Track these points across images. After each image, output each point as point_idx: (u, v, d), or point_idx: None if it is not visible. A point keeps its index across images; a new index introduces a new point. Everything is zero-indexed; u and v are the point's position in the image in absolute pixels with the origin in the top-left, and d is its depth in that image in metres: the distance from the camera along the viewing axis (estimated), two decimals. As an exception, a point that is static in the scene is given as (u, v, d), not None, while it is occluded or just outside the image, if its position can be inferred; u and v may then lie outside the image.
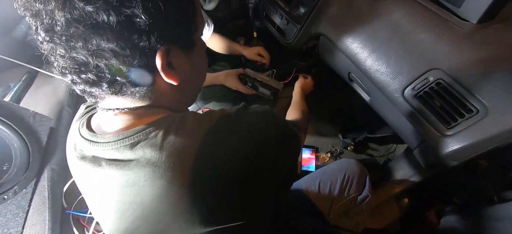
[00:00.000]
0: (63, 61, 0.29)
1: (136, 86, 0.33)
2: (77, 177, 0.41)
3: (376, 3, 0.62)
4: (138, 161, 0.31)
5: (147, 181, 0.30)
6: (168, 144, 0.31)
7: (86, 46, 0.27)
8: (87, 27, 0.26)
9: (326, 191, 0.77)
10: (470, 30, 0.50)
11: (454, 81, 0.48)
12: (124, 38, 0.27)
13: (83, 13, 0.25)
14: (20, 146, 0.89)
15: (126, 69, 0.30)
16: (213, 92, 1.14)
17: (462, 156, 0.50)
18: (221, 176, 0.31)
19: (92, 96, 0.33)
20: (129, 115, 0.34)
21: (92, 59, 0.28)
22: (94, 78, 0.30)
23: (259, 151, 0.34)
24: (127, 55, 0.28)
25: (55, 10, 0.25)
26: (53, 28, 0.26)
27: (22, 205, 0.88)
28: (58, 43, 0.27)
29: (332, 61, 0.83)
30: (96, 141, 0.34)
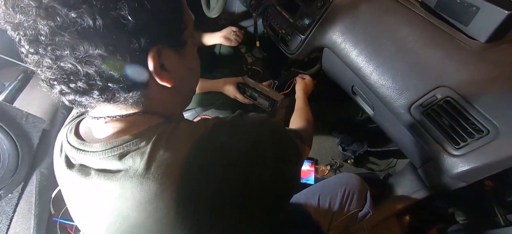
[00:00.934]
0: (50, 72, 0.27)
1: (129, 92, 0.31)
2: (63, 185, 0.38)
3: (383, 19, 0.61)
4: (126, 172, 0.29)
5: (134, 194, 0.29)
6: (158, 155, 0.29)
7: (73, 54, 0.26)
8: (72, 34, 0.24)
9: (326, 206, 0.75)
10: (479, 49, 0.50)
11: (463, 100, 0.47)
12: (113, 42, 0.26)
13: (67, 20, 0.24)
14: (9, 148, 0.86)
15: (117, 75, 0.28)
16: (211, 99, 1.13)
17: (471, 177, 0.49)
18: (211, 189, 0.29)
19: (81, 105, 0.32)
20: (120, 122, 0.33)
21: (81, 67, 0.26)
22: (85, 86, 0.28)
23: (253, 162, 0.32)
24: (118, 59, 0.27)
25: (37, 20, 0.24)
26: (37, 39, 0.25)
27: (6, 211, 0.83)
28: (44, 54, 0.26)
29: (336, 73, 0.82)
30: (84, 149, 0.32)
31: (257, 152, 0.33)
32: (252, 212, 0.33)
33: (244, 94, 0.95)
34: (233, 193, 0.30)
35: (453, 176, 0.49)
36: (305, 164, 1.23)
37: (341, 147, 1.21)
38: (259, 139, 0.34)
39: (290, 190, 0.40)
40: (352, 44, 0.66)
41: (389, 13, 0.61)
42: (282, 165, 0.36)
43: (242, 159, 0.32)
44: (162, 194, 0.28)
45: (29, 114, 0.95)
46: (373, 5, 0.64)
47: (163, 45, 0.31)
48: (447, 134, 0.50)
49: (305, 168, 1.22)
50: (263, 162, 0.33)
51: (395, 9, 0.61)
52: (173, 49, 0.33)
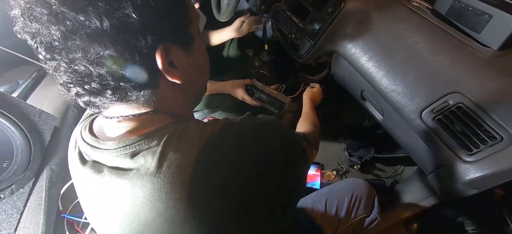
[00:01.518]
0: (66, 76, 0.29)
1: (140, 90, 0.32)
2: (76, 181, 0.40)
3: (394, 25, 0.62)
4: (138, 170, 0.30)
5: (145, 193, 0.29)
6: (169, 155, 0.30)
7: (85, 56, 0.27)
8: (83, 37, 0.26)
9: (333, 211, 0.74)
10: (491, 56, 0.50)
11: (476, 106, 0.47)
12: (121, 42, 0.27)
13: (76, 23, 0.25)
14: (22, 143, 0.88)
15: (128, 73, 0.29)
16: (219, 101, 1.14)
17: (484, 184, 0.48)
18: (220, 189, 0.30)
19: (95, 106, 0.33)
20: (132, 121, 0.34)
21: (93, 68, 0.28)
22: (98, 87, 0.30)
23: (262, 163, 0.33)
24: (127, 58, 0.28)
25: (50, 26, 0.25)
26: (52, 44, 0.27)
27: (18, 205, 0.85)
28: (59, 59, 0.28)
29: (345, 78, 0.83)
30: (97, 146, 0.34)
31: (266, 154, 0.33)
32: (259, 213, 0.33)
33: (252, 96, 0.96)
34: (242, 194, 0.31)
35: (466, 182, 0.49)
36: (311, 169, 1.22)
37: (347, 153, 1.21)
38: (268, 141, 0.35)
39: (297, 192, 0.40)
40: (362, 50, 0.66)
41: (400, 20, 0.62)
42: (290, 167, 0.36)
43: (251, 161, 0.32)
44: (172, 194, 0.29)
45: (42, 111, 0.97)
46: (384, 11, 0.65)
47: (170, 42, 0.32)
48: (459, 140, 0.50)
49: (311, 172, 1.21)
50: (272, 163, 0.33)
51: (406, 15, 0.62)
52: (180, 45, 0.34)
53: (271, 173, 0.33)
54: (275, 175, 0.34)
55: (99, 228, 0.39)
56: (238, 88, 0.96)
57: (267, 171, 0.33)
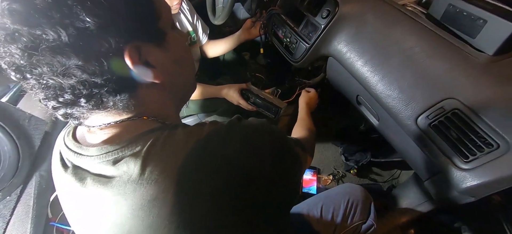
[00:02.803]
0: (40, 91, 0.28)
1: (116, 95, 0.31)
2: (59, 189, 0.38)
3: (390, 29, 0.61)
4: (120, 178, 0.29)
5: (128, 200, 0.28)
6: (152, 160, 0.28)
7: (52, 70, 0.26)
8: (44, 51, 0.25)
9: (329, 217, 0.73)
10: (486, 61, 0.49)
11: (471, 112, 0.47)
12: (83, 49, 0.26)
13: (32, 38, 0.24)
14: (10, 149, 0.85)
15: (98, 80, 0.28)
16: (214, 105, 1.13)
17: (480, 192, 0.47)
18: (207, 196, 0.28)
19: (74, 117, 0.32)
20: (114, 128, 0.33)
21: (62, 80, 0.27)
22: (71, 97, 0.28)
23: (249, 167, 0.31)
24: (94, 65, 0.27)
25: (9, 46, 0.25)
26: (17, 64, 0.26)
27: (4, 214, 0.82)
28: (29, 77, 0.27)
29: (340, 82, 0.82)
30: (80, 153, 0.32)
31: (255, 158, 0.32)
32: (250, 220, 0.31)
33: (247, 100, 0.95)
34: (230, 200, 0.29)
35: (462, 190, 0.48)
36: (307, 173, 1.21)
37: (344, 157, 1.20)
38: (256, 145, 0.33)
39: (290, 199, 0.39)
40: (357, 54, 0.66)
41: (396, 24, 0.61)
42: (281, 172, 0.35)
43: (238, 165, 0.30)
44: (155, 201, 0.27)
45: (32, 116, 0.95)
46: (379, 15, 0.64)
47: (138, 41, 0.30)
48: (455, 147, 0.49)
49: (307, 177, 1.20)
50: (261, 168, 0.32)
51: (402, 20, 0.61)
52: (152, 43, 0.32)
53: (261, 178, 0.32)
54: (265, 180, 0.32)
55: None
56: (233, 92, 0.95)
57: (256, 176, 0.31)
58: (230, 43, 1.10)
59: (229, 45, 1.11)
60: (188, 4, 1.03)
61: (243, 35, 1.05)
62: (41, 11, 0.24)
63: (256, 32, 1.04)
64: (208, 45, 1.13)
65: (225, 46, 1.12)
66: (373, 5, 0.67)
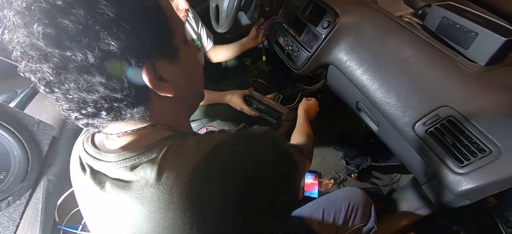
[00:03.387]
0: (65, 103, 0.31)
1: (133, 108, 0.33)
2: (78, 192, 0.40)
3: (387, 39, 0.64)
4: (138, 182, 0.31)
5: (145, 204, 0.30)
6: (168, 166, 0.31)
7: (77, 86, 0.29)
8: (72, 70, 0.28)
9: (330, 220, 0.75)
10: (479, 71, 0.52)
11: (465, 120, 0.49)
12: (107, 69, 0.29)
13: (62, 59, 0.27)
14: (20, 154, 0.88)
15: (119, 95, 0.31)
16: (218, 110, 1.15)
17: (475, 195, 0.50)
18: (215, 200, 0.31)
19: (94, 126, 0.34)
20: (131, 136, 0.35)
21: (86, 95, 0.30)
22: (94, 110, 0.31)
23: (256, 175, 0.34)
24: (115, 82, 0.30)
25: (42, 65, 0.28)
26: (47, 80, 0.29)
27: (14, 217, 0.84)
28: (56, 91, 0.30)
29: (340, 89, 0.85)
30: (99, 158, 0.35)
31: (260, 165, 0.35)
32: (254, 223, 0.34)
33: (250, 106, 0.97)
34: (236, 205, 0.32)
35: (457, 193, 0.50)
36: (309, 177, 1.23)
37: (344, 161, 1.22)
38: (261, 153, 0.36)
39: (291, 202, 0.41)
40: (357, 63, 0.69)
41: (393, 35, 0.64)
42: (283, 178, 0.37)
43: (245, 172, 0.33)
44: (171, 205, 0.30)
45: (40, 122, 0.97)
46: (377, 26, 0.67)
47: (154, 59, 0.33)
48: (450, 152, 0.52)
49: (308, 181, 1.22)
50: (266, 175, 0.35)
51: (398, 31, 0.64)
52: (166, 59, 0.35)
53: (265, 184, 0.34)
54: (269, 186, 0.35)
55: None
56: (236, 98, 0.97)
57: (260, 182, 0.34)
58: (234, 50, 1.13)
59: (233, 52, 1.14)
60: (193, 11, 1.06)
61: (249, 43, 1.09)
62: (72, 36, 0.26)
63: (260, 40, 1.07)
64: (213, 51, 1.16)
65: (229, 52, 1.14)
66: (371, 16, 0.70)
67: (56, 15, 0.26)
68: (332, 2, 0.75)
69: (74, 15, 0.26)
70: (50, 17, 0.26)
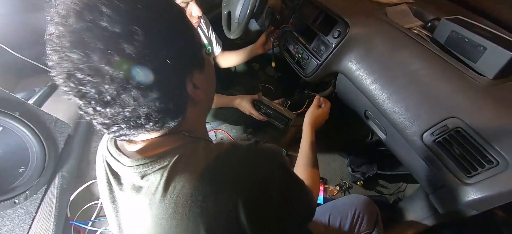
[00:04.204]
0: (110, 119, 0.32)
1: (176, 118, 0.36)
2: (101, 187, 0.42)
3: (397, 52, 0.66)
4: (148, 189, 0.33)
5: (153, 209, 0.33)
6: (176, 176, 0.33)
7: (137, 103, 0.31)
8: (135, 89, 0.29)
9: (336, 225, 0.76)
10: (487, 84, 0.53)
11: (473, 131, 0.50)
12: (164, 83, 0.31)
13: (128, 81, 0.29)
14: (38, 150, 0.91)
15: (171, 106, 0.34)
16: (227, 114, 1.17)
17: (482, 206, 0.51)
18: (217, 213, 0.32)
19: (127, 135, 0.35)
20: (149, 142, 0.37)
21: (141, 109, 0.31)
22: (143, 122, 0.33)
23: (259, 191, 0.34)
24: (169, 95, 0.33)
25: (103, 87, 0.29)
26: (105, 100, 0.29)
27: (30, 211, 0.87)
28: (110, 109, 0.30)
29: (349, 97, 0.86)
30: (119, 160, 0.37)
31: (265, 185, 0.35)
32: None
33: (259, 111, 0.99)
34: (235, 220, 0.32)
35: (465, 203, 0.51)
36: (314, 183, 1.24)
37: (350, 168, 1.23)
38: (268, 173, 0.36)
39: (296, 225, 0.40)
40: (366, 73, 0.70)
41: (402, 47, 0.66)
42: (288, 200, 0.37)
43: (249, 190, 0.33)
44: (175, 214, 0.31)
45: (57, 119, 1.01)
46: (387, 38, 0.69)
47: (194, 69, 0.36)
48: (458, 162, 0.53)
49: (314, 187, 1.23)
50: (269, 195, 0.35)
51: (408, 43, 0.66)
52: (198, 68, 0.38)
53: (268, 204, 0.34)
54: (273, 206, 0.35)
55: None
56: (245, 102, 0.99)
57: (264, 201, 0.34)
58: (243, 56, 1.16)
59: (242, 57, 1.17)
60: (204, 18, 1.10)
61: (258, 50, 1.11)
62: (136, 58, 0.28)
63: (269, 47, 1.10)
64: (222, 56, 1.19)
65: (238, 58, 1.17)
66: (381, 28, 0.72)
67: (118, 42, 0.27)
68: (342, 13, 0.77)
69: (135, 40, 0.28)
70: (111, 43, 0.27)
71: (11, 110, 0.83)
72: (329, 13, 0.81)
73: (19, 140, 0.86)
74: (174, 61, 0.31)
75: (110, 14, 0.27)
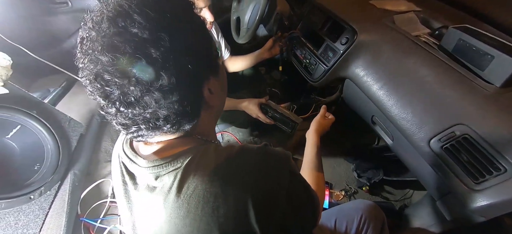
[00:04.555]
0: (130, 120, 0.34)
1: (191, 121, 0.38)
2: (116, 186, 0.44)
3: (404, 59, 0.67)
4: (162, 189, 0.35)
5: (167, 209, 0.34)
6: (189, 177, 0.34)
7: (158, 104, 0.33)
8: (158, 91, 0.32)
9: (342, 230, 0.76)
10: (495, 92, 0.54)
11: (480, 138, 0.51)
12: (184, 87, 0.33)
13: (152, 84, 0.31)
14: (53, 148, 0.95)
15: (188, 109, 0.35)
16: (234, 117, 1.20)
17: (490, 212, 0.51)
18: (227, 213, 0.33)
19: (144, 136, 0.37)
20: (163, 144, 0.39)
21: (160, 111, 0.33)
22: (162, 123, 0.35)
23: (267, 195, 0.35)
24: (188, 98, 0.35)
25: (129, 89, 0.31)
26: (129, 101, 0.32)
27: (44, 207, 0.90)
28: (132, 110, 0.32)
29: (356, 103, 0.87)
30: (134, 161, 0.39)
31: (273, 189, 0.36)
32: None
33: (266, 114, 1.01)
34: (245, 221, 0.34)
35: (473, 210, 0.52)
36: (319, 187, 1.24)
37: (356, 173, 1.23)
38: (277, 177, 0.37)
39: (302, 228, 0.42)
40: (374, 79, 0.71)
41: (410, 54, 0.67)
42: (295, 206, 0.39)
43: (258, 192, 0.35)
44: (188, 214, 0.33)
45: (71, 119, 1.05)
46: (395, 45, 0.70)
47: (211, 75, 0.38)
48: (466, 169, 0.54)
49: (319, 191, 1.23)
50: (277, 200, 0.36)
51: (415, 50, 0.67)
52: (213, 75, 0.40)
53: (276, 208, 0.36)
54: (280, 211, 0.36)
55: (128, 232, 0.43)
56: (253, 106, 1.01)
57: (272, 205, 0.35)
58: (251, 60, 1.18)
59: (250, 62, 1.19)
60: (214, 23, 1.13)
61: (265, 54, 1.14)
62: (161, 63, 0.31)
63: (276, 51, 1.12)
64: (230, 61, 1.21)
65: (245, 62, 1.20)
66: (388, 36, 0.73)
67: (145, 47, 0.30)
68: (350, 20, 0.79)
69: (162, 46, 0.30)
70: (139, 48, 0.29)
71: (29, 109, 0.87)
72: (337, 19, 0.83)
73: (35, 138, 0.89)
74: (194, 66, 0.34)
75: (141, 21, 0.30)
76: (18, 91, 0.87)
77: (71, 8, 1.37)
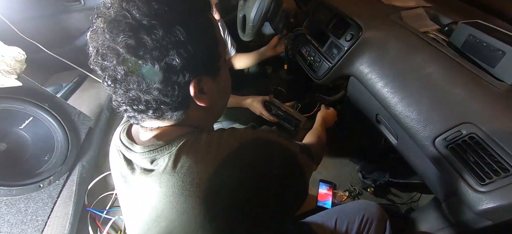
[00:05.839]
0: (121, 98, 0.37)
1: (175, 111, 0.40)
2: (115, 173, 0.46)
3: (411, 55, 0.65)
4: (157, 170, 0.37)
5: (162, 188, 0.36)
6: (182, 157, 0.36)
7: (139, 87, 0.35)
8: (139, 75, 0.34)
9: (343, 230, 0.75)
10: (505, 90, 0.51)
11: (488, 137, 0.49)
12: (165, 78, 0.35)
13: (136, 66, 0.34)
14: (62, 139, 0.98)
15: (168, 100, 0.37)
16: (238, 114, 1.20)
17: (497, 215, 0.48)
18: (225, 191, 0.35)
19: (136, 119, 0.41)
20: (158, 130, 0.41)
21: (142, 95, 0.36)
22: (144, 108, 0.37)
23: (263, 172, 0.38)
24: (169, 89, 0.36)
25: (116, 66, 0.34)
26: (115, 77, 0.35)
27: (53, 195, 0.94)
28: (119, 87, 0.36)
29: (360, 101, 0.86)
30: (131, 148, 0.41)
31: (266, 164, 0.39)
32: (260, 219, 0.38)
33: (270, 112, 1.01)
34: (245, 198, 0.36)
35: (478, 212, 0.49)
36: (323, 188, 1.23)
37: (361, 174, 1.20)
38: (268, 154, 0.40)
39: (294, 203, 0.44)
40: (378, 76, 0.70)
41: (417, 51, 0.65)
42: (287, 179, 0.42)
43: (253, 170, 0.37)
44: (183, 191, 0.35)
45: (80, 112, 1.09)
46: (402, 42, 0.69)
47: (202, 75, 0.39)
48: (472, 169, 0.51)
49: (322, 191, 1.22)
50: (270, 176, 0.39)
51: (423, 47, 0.65)
52: (210, 76, 0.41)
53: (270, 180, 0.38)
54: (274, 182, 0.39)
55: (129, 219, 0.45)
56: (257, 103, 1.01)
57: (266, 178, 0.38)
58: (256, 58, 1.19)
59: (255, 60, 1.19)
60: (221, 21, 1.14)
61: (269, 52, 1.14)
62: (149, 49, 0.33)
63: (281, 49, 1.12)
64: (235, 58, 1.22)
65: (250, 60, 1.20)
66: (395, 32, 0.71)
67: (139, 31, 0.32)
68: (356, 16, 0.77)
69: (154, 34, 0.32)
70: (134, 31, 0.32)
71: (41, 102, 0.90)
72: (342, 16, 0.82)
73: (46, 130, 0.93)
74: (183, 63, 0.35)
75: (142, 8, 0.32)
76: (31, 85, 0.91)
77: (84, 7, 1.42)
